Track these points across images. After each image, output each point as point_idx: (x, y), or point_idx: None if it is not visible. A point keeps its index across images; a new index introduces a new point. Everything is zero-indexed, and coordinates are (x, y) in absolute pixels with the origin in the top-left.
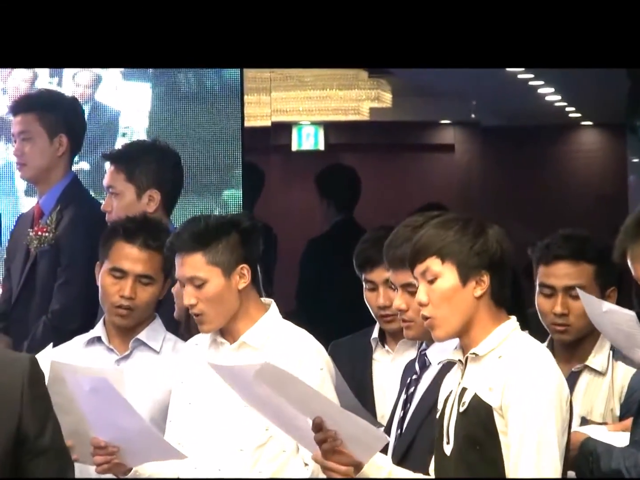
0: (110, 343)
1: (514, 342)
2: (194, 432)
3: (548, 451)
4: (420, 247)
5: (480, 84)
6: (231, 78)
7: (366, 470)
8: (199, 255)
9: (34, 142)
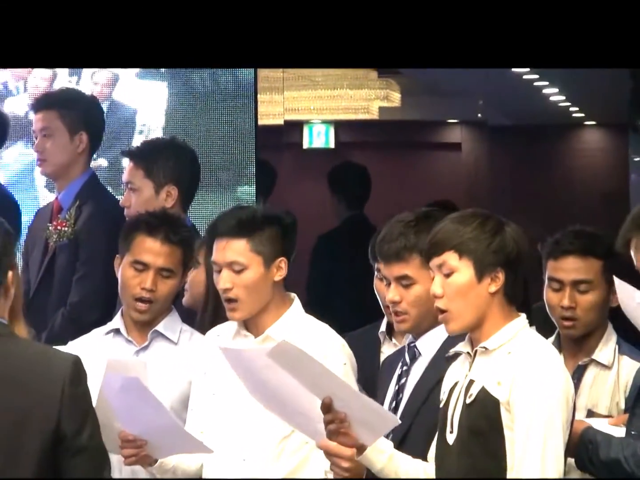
0: (129, 335)
1: (523, 339)
2: (218, 423)
3: (553, 447)
4: (438, 240)
5: (487, 84)
6: (245, 78)
7: (368, 453)
8: (243, 242)
9: (54, 139)
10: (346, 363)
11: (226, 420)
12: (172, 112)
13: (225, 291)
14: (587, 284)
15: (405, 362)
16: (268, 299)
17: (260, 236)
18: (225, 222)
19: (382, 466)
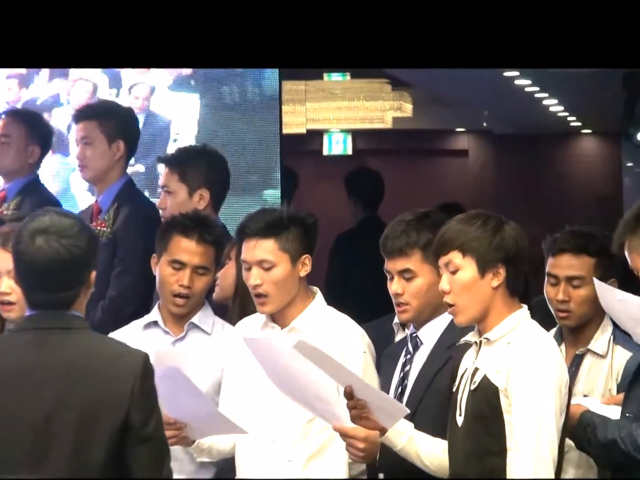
0: (166, 326)
1: (522, 330)
2: (249, 407)
3: (546, 429)
4: (444, 240)
5: (492, 96)
6: (270, 90)
7: (389, 435)
8: (271, 241)
9: (94, 147)
10: (365, 351)
11: (256, 404)
12: (204, 122)
13: (255, 287)
14: (580, 279)
15: (409, 351)
16: (294, 293)
17: (286, 236)
18: (254, 223)
19: (402, 446)
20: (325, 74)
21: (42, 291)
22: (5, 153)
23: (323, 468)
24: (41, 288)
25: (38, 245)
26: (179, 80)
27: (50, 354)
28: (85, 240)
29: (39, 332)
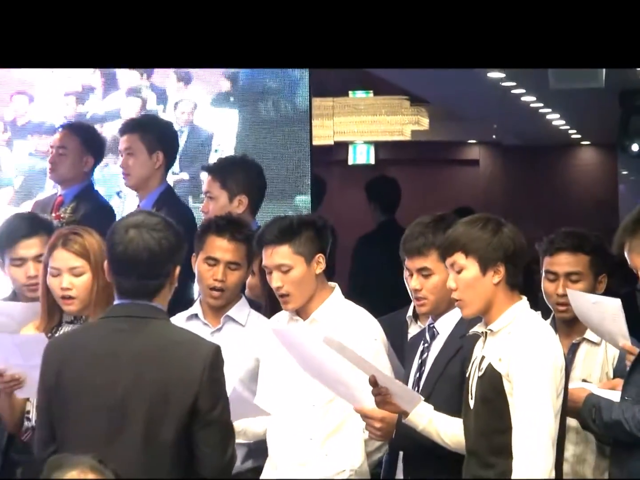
0: (205, 318)
1: (522, 321)
2: (278, 391)
3: (543, 409)
4: (449, 243)
5: (500, 111)
6: (302, 106)
7: (411, 417)
8: (286, 247)
9: (136, 157)
10: (377, 339)
11: (283, 389)
12: (242, 135)
13: (277, 289)
14: (577, 275)
15: (426, 340)
16: (314, 289)
17: (299, 240)
18: (269, 232)
19: (423, 427)
20: (350, 91)
21: (132, 277)
22: (63, 163)
23: (340, 445)
24: (131, 274)
25: (131, 237)
26: (219, 96)
27: (133, 339)
28: (172, 236)
29: (125, 319)
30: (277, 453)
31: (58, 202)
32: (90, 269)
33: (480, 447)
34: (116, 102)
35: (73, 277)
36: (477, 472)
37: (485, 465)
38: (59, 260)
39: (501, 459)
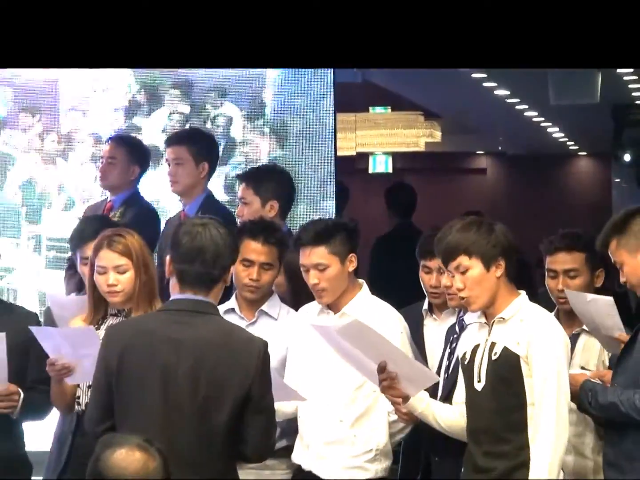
0: (241, 312)
1: (529, 309)
2: (308, 377)
3: (564, 386)
4: (450, 249)
5: (506, 124)
6: (327, 120)
7: (411, 401)
8: (322, 247)
9: (184, 167)
10: (402, 332)
11: (314, 375)
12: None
13: (314, 285)
14: (575, 271)
15: (456, 331)
16: (345, 286)
17: (334, 241)
18: (306, 234)
19: (421, 410)
20: (370, 107)
21: (197, 264)
22: (112, 172)
23: (368, 426)
24: (196, 262)
25: (198, 230)
26: (252, 112)
27: (193, 329)
28: (232, 236)
29: (185, 313)
30: (309, 434)
31: (108, 207)
32: (133, 266)
33: (495, 424)
34: (161, 117)
35: (118, 274)
36: (491, 447)
37: (500, 440)
38: (105, 259)
39: (516, 434)
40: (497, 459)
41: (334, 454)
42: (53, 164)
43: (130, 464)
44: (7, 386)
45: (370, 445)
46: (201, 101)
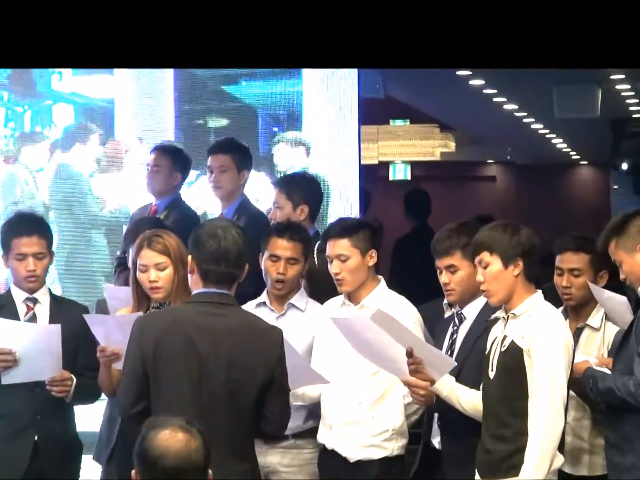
0: (272, 305)
1: (539, 308)
2: (331, 364)
3: (558, 380)
4: (477, 244)
5: (514, 136)
6: (352, 132)
7: (437, 384)
8: (346, 240)
9: (228, 174)
10: (415, 322)
11: (336, 362)
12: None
13: (335, 274)
14: (579, 270)
15: (455, 324)
16: (364, 279)
17: (357, 236)
18: (334, 228)
19: (447, 394)
20: (391, 120)
21: (222, 265)
22: (156, 178)
23: (384, 408)
24: (221, 263)
25: (222, 235)
26: (289, 124)
27: (223, 319)
28: (245, 238)
29: (211, 305)
30: (331, 415)
31: (152, 211)
32: (172, 264)
33: (500, 410)
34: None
35: (158, 272)
36: (496, 431)
37: (503, 425)
38: (146, 258)
39: (517, 420)
40: (500, 442)
41: (353, 433)
42: (109, 173)
43: (174, 443)
44: (62, 373)
45: (386, 425)
46: (238, 115)
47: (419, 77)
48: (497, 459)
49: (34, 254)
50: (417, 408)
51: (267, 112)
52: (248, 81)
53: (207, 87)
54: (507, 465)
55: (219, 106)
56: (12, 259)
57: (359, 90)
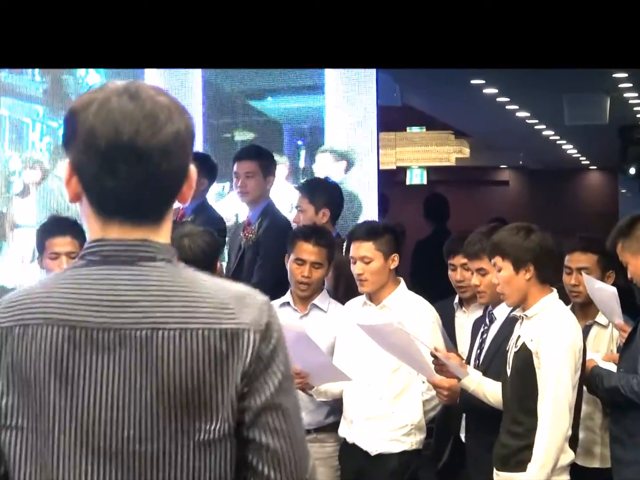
0: (295, 305)
1: (550, 309)
2: (353, 361)
3: (564, 380)
4: (491, 248)
5: (526, 142)
6: (371, 139)
7: (464, 381)
8: (370, 243)
9: (255, 179)
10: (434, 322)
11: (357, 359)
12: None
13: (358, 275)
14: (586, 269)
15: (486, 323)
16: (386, 281)
17: (381, 239)
18: (359, 230)
19: (473, 388)
20: (408, 127)
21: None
22: None
23: (404, 404)
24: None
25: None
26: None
27: None
28: (214, 240)
29: None
30: (352, 410)
31: (180, 215)
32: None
33: (513, 408)
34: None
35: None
36: (510, 427)
37: (516, 422)
38: None
39: (529, 418)
40: (513, 438)
41: (374, 428)
42: None
43: None
44: None
45: (405, 420)
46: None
47: (435, 86)
48: (509, 453)
49: (67, 253)
50: (435, 404)
51: (291, 126)
52: (273, 96)
53: (234, 102)
54: (516, 460)
55: (246, 120)
56: (46, 259)
57: (377, 99)
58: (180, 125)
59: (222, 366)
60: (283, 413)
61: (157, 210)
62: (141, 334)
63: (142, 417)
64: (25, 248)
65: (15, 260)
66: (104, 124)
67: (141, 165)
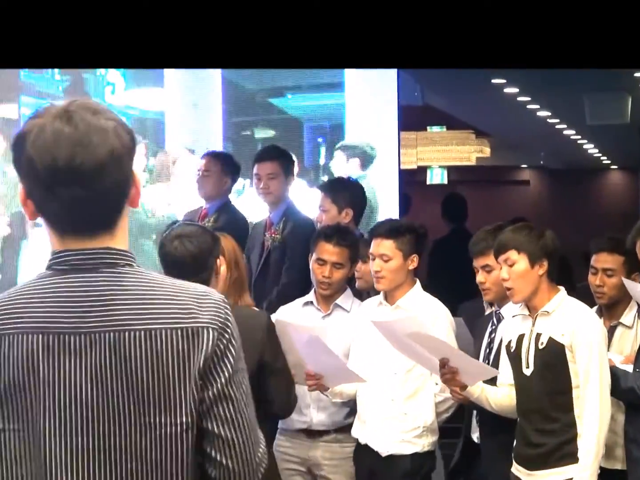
0: (318, 305)
1: (569, 304)
2: (366, 362)
3: (606, 372)
4: (503, 243)
5: (546, 141)
6: (392, 139)
7: (469, 389)
8: (390, 241)
9: (277, 180)
10: (447, 324)
11: (371, 360)
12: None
13: (376, 272)
14: (612, 270)
15: (494, 323)
16: (402, 280)
17: (402, 238)
18: (381, 227)
19: (477, 395)
20: (428, 127)
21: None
22: (207, 183)
23: (416, 406)
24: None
25: (175, 246)
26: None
27: None
28: (209, 239)
29: None
30: (365, 411)
31: (203, 214)
32: (226, 264)
33: (544, 405)
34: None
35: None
36: (541, 425)
37: (549, 419)
38: None
39: (564, 414)
40: (547, 436)
41: (386, 429)
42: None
43: None
44: None
45: (418, 422)
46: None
47: (456, 85)
48: (547, 450)
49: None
50: (448, 406)
51: (311, 124)
52: (294, 94)
53: (255, 100)
54: (559, 455)
55: (266, 118)
56: None
57: (398, 99)
58: (114, 144)
59: (185, 363)
60: (233, 403)
61: (108, 220)
62: (109, 336)
63: (113, 414)
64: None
65: (36, 259)
66: (40, 152)
67: (79, 186)
